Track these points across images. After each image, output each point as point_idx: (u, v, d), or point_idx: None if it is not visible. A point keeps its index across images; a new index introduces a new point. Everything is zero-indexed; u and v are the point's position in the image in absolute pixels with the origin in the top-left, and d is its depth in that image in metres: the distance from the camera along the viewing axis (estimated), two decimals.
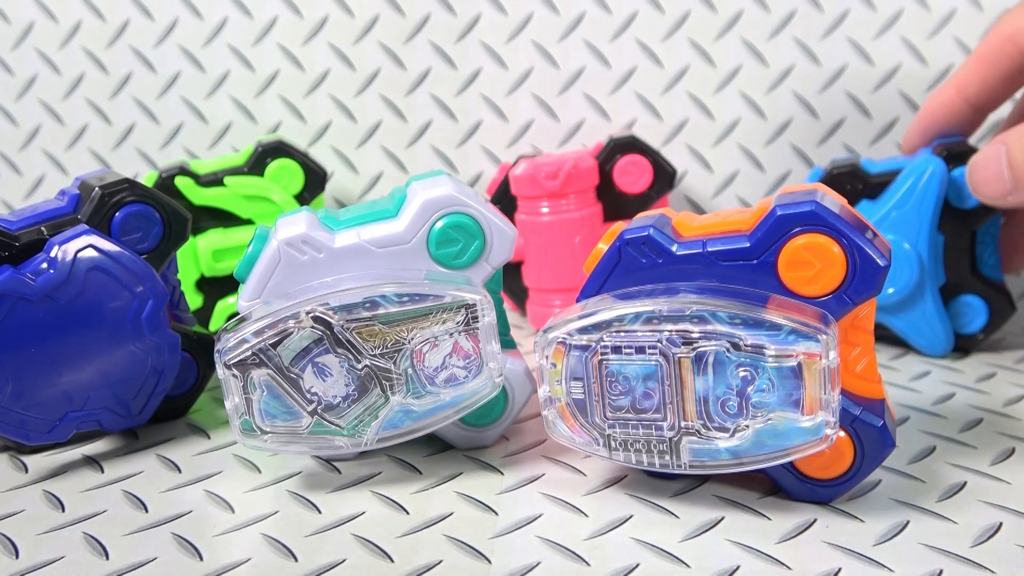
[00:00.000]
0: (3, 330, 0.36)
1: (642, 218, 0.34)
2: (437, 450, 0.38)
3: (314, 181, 0.54)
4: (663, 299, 0.31)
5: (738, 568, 0.30)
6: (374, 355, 0.34)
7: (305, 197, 0.54)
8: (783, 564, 0.30)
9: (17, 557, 0.31)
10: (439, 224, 0.35)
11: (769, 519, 0.32)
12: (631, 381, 0.31)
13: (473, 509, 0.34)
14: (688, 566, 0.30)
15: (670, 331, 0.30)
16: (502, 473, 0.36)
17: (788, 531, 0.32)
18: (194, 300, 0.53)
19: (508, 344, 0.38)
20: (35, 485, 0.36)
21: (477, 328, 0.34)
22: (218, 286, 0.53)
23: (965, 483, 0.35)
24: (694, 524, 0.32)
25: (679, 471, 0.32)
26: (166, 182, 0.51)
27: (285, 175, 0.53)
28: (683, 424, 0.31)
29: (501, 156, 0.60)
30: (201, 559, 0.31)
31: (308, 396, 0.34)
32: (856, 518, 0.32)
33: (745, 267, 0.31)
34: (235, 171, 0.53)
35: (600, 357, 0.31)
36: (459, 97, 0.59)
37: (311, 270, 0.35)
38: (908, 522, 0.32)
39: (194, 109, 0.61)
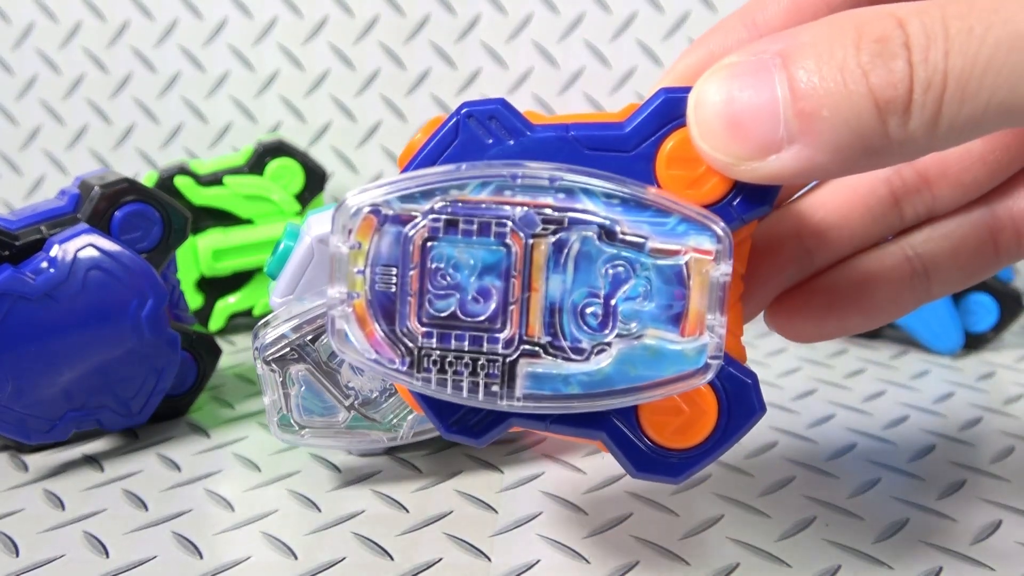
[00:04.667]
0: (3, 329, 0.36)
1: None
2: (437, 448, 0.38)
3: (314, 181, 0.54)
4: (519, 164, 0.24)
5: (738, 566, 0.30)
6: None
7: (305, 197, 0.54)
8: (783, 562, 0.30)
9: (17, 555, 0.31)
10: None
11: (769, 517, 0.32)
12: (463, 273, 0.24)
13: (473, 507, 0.34)
14: (688, 564, 0.30)
15: (526, 206, 0.24)
16: (502, 471, 0.36)
17: (788, 529, 0.32)
18: (194, 300, 0.53)
19: None
20: (35, 484, 0.36)
21: None
22: (218, 286, 0.53)
23: (965, 481, 0.35)
24: (694, 522, 0.32)
25: (509, 408, 0.24)
26: (166, 182, 0.51)
27: (285, 175, 0.53)
28: (525, 338, 0.24)
29: None
30: (201, 557, 0.31)
31: (345, 391, 0.34)
32: (856, 516, 0.32)
33: (616, 159, 0.25)
34: (235, 171, 0.53)
35: (427, 235, 0.24)
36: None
37: None
38: (908, 520, 0.32)
39: (194, 109, 0.61)
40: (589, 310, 0.24)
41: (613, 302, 0.24)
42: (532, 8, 0.58)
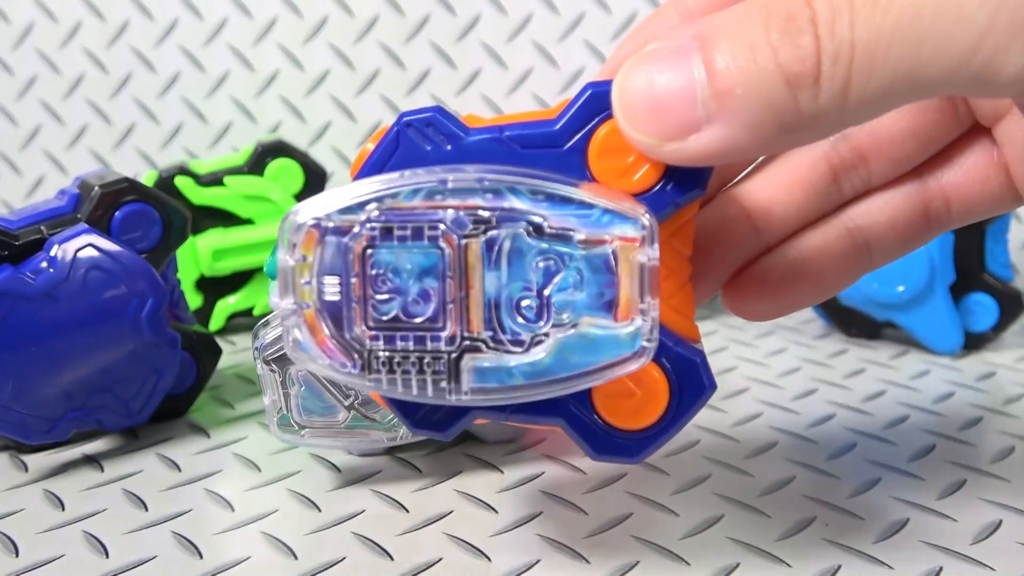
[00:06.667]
0: (3, 329, 0.36)
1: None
2: (437, 448, 0.38)
3: (314, 181, 0.54)
4: (447, 170, 0.25)
5: (738, 565, 0.30)
6: None
7: (305, 197, 0.54)
8: (783, 562, 0.30)
9: (17, 555, 0.31)
10: None
11: (769, 516, 0.32)
12: (403, 276, 0.25)
13: (473, 507, 0.34)
14: (688, 563, 0.30)
15: (457, 208, 0.25)
16: (502, 471, 0.36)
17: (788, 528, 0.32)
18: (194, 300, 0.53)
19: None
20: (35, 484, 0.36)
21: None
22: (218, 286, 0.53)
23: (965, 481, 0.35)
24: (694, 522, 0.32)
25: (458, 402, 0.25)
26: (166, 182, 0.51)
27: (285, 175, 0.53)
28: (467, 335, 0.25)
29: None
30: (201, 557, 0.31)
31: (345, 390, 0.34)
32: (856, 516, 0.32)
33: (550, 156, 0.26)
34: (235, 171, 0.53)
35: (366, 244, 0.25)
36: (459, 97, 0.59)
37: None
38: (908, 520, 0.32)
39: (194, 109, 0.61)
40: (524, 303, 0.25)
41: (546, 294, 0.25)
42: (532, 8, 0.58)
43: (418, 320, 0.25)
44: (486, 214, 0.24)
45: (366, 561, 0.30)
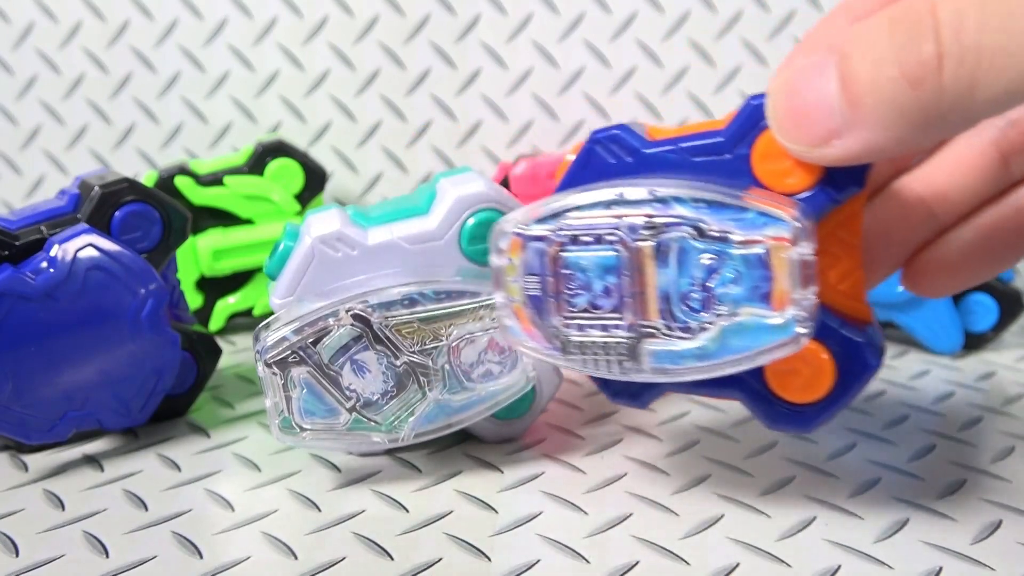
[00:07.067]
0: (3, 329, 0.36)
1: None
2: (437, 448, 0.38)
3: (314, 181, 0.54)
4: (623, 184, 0.29)
5: (738, 565, 0.30)
6: (412, 352, 0.34)
7: (305, 197, 0.54)
8: (783, 561, 0.30)
9: (17, 555, 0.31)
10: (470, 221, 0.35)
11: (769, 516, 0.32)
12: (589, 275, 0.29)
13: (473, 507, 0.34)
14: (688, 563, 0.30)
15: (630, 216, 0.29)
16: (502, 471, 0.36)
17: (788, 528, 0.32)
18: (194, 300, 0.53)
19: None
20: (35, 484, 0.36)
21: None
22: (218, 286, 0.53)
23: (965, 481, 0.35)
24: (694, 521, 0.32)
25: (642, 377, 0.30)
26: (166, 182, 0.51)
27: (285, 175, 0.53)
28: (643, 323, 0.29)
29: (501, 156, 0.60)
30: (201, 557, 0.31)
31: (347, 393, 0.34)
32: (856, 516, 0.32)
33: (719, 163, 0.29)
34: (235, 171, 0.53)
35: (558, 248, 0.29)
36: (459, 97, 0.59)
37: (344, 267, 0.35)
38: (908, 520, 0.32)
39: (194, 109, 0.61)
40: (691, 296, 0.28)
41: (710, 287, 0.28)
42: (532, 8, 0.58)
43: (603, 311, 0.29)
44: (656, 221, 0.28)
45: (366, 561, 0.31)
